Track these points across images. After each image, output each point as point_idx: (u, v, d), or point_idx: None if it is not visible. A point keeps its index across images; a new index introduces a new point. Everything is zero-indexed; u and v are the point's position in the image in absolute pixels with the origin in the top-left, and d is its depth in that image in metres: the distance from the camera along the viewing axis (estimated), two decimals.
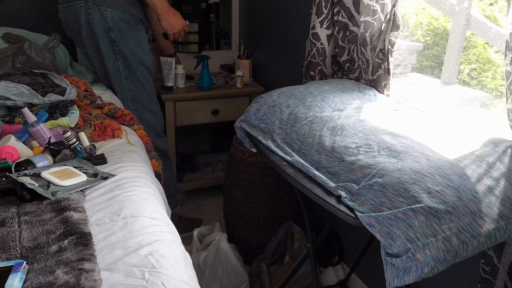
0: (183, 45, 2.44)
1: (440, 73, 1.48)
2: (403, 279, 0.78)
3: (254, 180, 1.84)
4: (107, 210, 0.92)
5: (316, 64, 1.60)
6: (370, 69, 1.43)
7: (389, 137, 1.04)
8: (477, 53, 1.38)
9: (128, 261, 0.76)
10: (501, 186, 0.88)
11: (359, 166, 0.94)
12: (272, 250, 1.82)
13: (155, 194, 1.07)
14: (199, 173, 2.55)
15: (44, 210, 0.89)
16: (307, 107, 1.23)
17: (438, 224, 0.78)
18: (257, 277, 1.75)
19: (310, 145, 1.08)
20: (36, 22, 2.13)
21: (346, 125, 1.12)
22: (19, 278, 0.67)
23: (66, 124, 1.31)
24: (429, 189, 0.83)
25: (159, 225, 0.90)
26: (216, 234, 1.74)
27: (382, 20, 1.36)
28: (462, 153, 0.97)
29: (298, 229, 1.82)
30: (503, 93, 1.29)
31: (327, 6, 1.50)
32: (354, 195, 0.88)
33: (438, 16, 1.52)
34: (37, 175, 0.98)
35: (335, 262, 1.86)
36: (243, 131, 1.29)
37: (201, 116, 2.28)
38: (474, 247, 0.78)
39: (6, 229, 0.82)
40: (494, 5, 1.31)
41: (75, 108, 1.40)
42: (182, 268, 0.80)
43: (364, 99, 1.32)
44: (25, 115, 1.20)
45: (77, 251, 0.76)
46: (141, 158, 1.25)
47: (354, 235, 1.77)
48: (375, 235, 0.80)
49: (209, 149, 2.88)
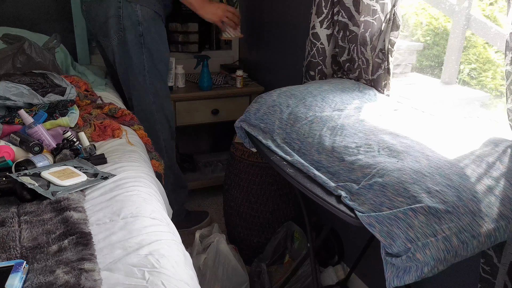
0: (183, 45, 2.44)
1: (440, 73, 1.48)
2: (403, 278, 0.78)
3: (254, 180, 1.84)
4: (107, 210, 0.92)
5: (316, 64, 1.60)
6: (370, 69, 1.43)
7: (389, 137, 1.04)
8: (477, 53, 1.38)
9: (128, 261, 0.76)
10: (501, 186, 0.88)
11: (359, 166, 0.94)
12: (272, 250, 1.82)
13: (155, 194, 1.07)
14: (199, 173, 2.55)
15: (44, 210, 0.89)
16: (307, 107, 1.23)
17: (438, 224, 0.78)
18: (257, 277, 1.75)
19: (310, 145, 1.08)
20: (36, 22, 2.13)
21: (346, 125, 1.12)
22: (19, 278, 0.67)
23: (66, 124, 1.31)
24: (429, 189, 0.83)
25: (159, 225, 0.90)
26: (215, 235, 1.74)
27: (382, 20, 1.36)
28: (462, 153, 0.97)
29: (298, 229, 1.82)
30: (503, 93, 1.29)
31: (327, 6, 1.50)
32: (354, 194, 0.88)
33: (438, 16, 1.52)
34: (37, 175, 0.98)
35: (335, 262, 1.85)
36: (243, 131, 1.29)
37: (201, 116, 2.28)
38: (474, 247, 0.78)
39: (6, 229, 0.82)
40: (494, 5, 1.31)
41: (75, 108, 1.40)
42: (182, 268, 0.80)
43: (364, 99, 1.32)
44: (21, 117, 1.19)
45: (77, 251, 0.76)
46: (141, 158, 1.25)
47: (354, 235, 1.77)
48: (375, 235, 0.80)
49: (209, 149, 2.88)
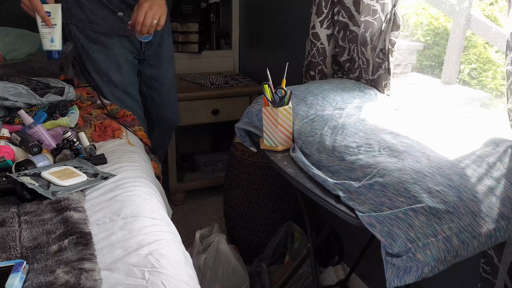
0: (183, 45, 2.44)
1: (440, 72, 1.48)
2: (403, 278, 0.78)
3: (254, 180, 1.84)
4: (107, 210, 0.92)
5: (316, 64, 1.60)
6: (371, 69, 1.43)
7: (389, 137, 1.04)
8: (477, 53, 1.38)
9: (128, 260, 0.76)
10: (502, 186, 0.88)
11: (360, 165, 0.94)
12: (272, 249, 1.81)
13: (155, 194, 1.07)
14: (199, 173, 2.55)
15: (44, 210, 0.88)
16: (308, 106, 1.23)
17: (438, 224, 0.78)
18: (257, 276, 1.75)
19: (311, 143, 1.08)
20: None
21: (347, 124, 1.12)
22: (20, 277, 0.67)
23: (66, 124, 1.31)
24: (429, 189, 0.83)
25: (159, 225, 0.89)
26: (215, 235, 1.74)
27: (383, 19, 1.36)
28: (462, 153, 0.97)
29: (298, 228, 1.82)
30: (504, 93, 1.29)
31: (327, 5, 1.50)
32: (353, 193, 0.88)
33: (438, 16, 1.52)
34: (37, 175, 0.97)
35: (335, 261, 1.85)
36: (244, 131, 1.29)
37: (201, 116, 2.27)
38: (474, 247, 0.78)
39: (6, 229, 0.81)
40: (494, 5, 1.31)
41: (75, 108, 1.40)
42: (182, 268, 0.80)
43: (365, 98, 1.32)
44: (21, 117, 1.19)
45: (77, 251, 0.76)
46: (141, 158, 1.25)
47: (354, 235, 1.77)
48: (376, 235, 0.80)
49: (209, 149, 2.88)
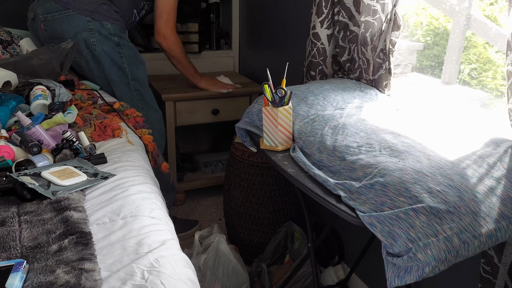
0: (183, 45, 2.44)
1: (440, 73, 1.48)
2: (404, 278, 0.78)
3: (254, 180, 1.84)
4: (107, 209, 0.92)
5: (317, 64, 1.60)
6: (371, 69, 1.43)
7: (390, 137, 1.04)
8: (478, 53, 1.38)
9: (127, 260, 0.76)
10: (502, 186, 0.88)
11: (360, 165, 0.94)
12: (272, 250, 1.81)
13: (155, 193, 1.07)
14: (199, 173, 2.55)
15: (44, 209, 0.88)
16: (308, 105, 1.23)
17: (439, 224, 0.78)
18: (258, 277, 1.75)
19: (312, 143, 1.08)
20: None
21: (347, 124, 1.12)
22: (20, 277, 0.67)
23: (62, 120, 1.30)
24: (430, 189, 0.83)
25: (159, 224, 0.89)
26: (215, 236, 1.74)
27: (383, 20, 1.36)
28: (463, 153, 0.97)
29: (298, 228, 1.82)
30: (504, 93, 1.29)
31: (327, 6, 1.50)
32: (354, 193, 0.88)
33: (439, 16, 1.52)
34: (37, 174, 0.97)
35: (336, 262, 1.85)
36: (244, 131, 1.29)
37: (201, 116, 2.27)
38: (475, 247, 0.78)
39: (6, 229, 0.81)
40: (494, 5, 1.31)
41: (72, 108, 1.39)
42: (181, 268, 0.80)
43: (366, 98, 1.32)
44: (19, 118, 1.19)
45: (77, 251, 0.76)
46: (141, 157, 1.25)
47: (355, 235, 1.77)
48: (377, 234, 0.80)
49: (209, 149, 2.88)
